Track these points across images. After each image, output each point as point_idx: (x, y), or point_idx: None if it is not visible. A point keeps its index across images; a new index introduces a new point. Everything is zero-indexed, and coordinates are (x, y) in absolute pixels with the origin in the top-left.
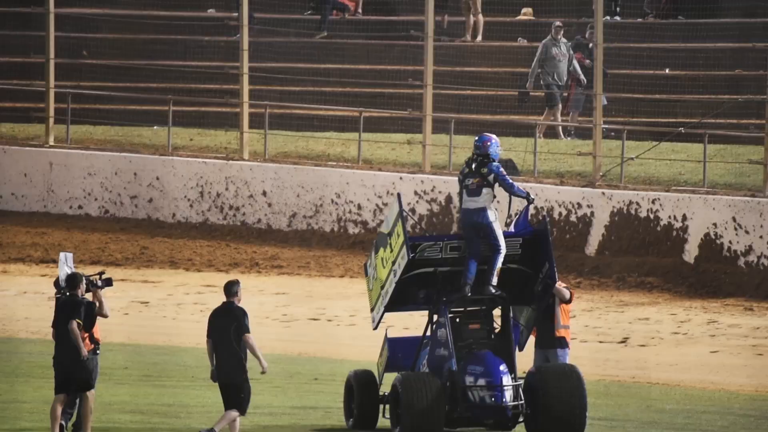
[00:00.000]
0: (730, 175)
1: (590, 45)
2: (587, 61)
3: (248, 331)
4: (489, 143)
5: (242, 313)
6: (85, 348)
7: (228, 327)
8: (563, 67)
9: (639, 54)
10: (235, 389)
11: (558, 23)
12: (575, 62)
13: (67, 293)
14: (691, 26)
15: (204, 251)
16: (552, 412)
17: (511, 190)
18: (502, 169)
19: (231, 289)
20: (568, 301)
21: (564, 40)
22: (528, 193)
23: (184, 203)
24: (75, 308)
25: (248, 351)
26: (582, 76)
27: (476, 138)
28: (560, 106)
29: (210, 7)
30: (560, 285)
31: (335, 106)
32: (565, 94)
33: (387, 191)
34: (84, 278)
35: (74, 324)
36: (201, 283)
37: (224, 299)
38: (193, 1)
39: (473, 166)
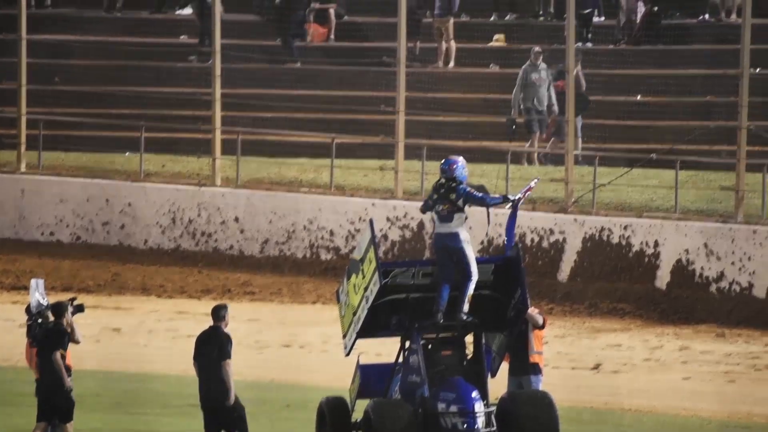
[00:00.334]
0: (702, 202)
1: (574, 72)
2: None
3: (228, 357)
4: (455, 166)
5: (226, 339)
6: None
7: (212, 351)
8: (543, 92)
9: (611, 80)
10: (225, 412)
11: (537, 49)
12: (551, 89)
13: (38, 321)
14: (663, 53)
15: (176, 278)
16: None
17: (485, 203)
18: (469, 189)
19: (218, 313)
20: (541, 327)
21: (543, 65)
22: (504, 196)
23: (156, 229)
24: (59, 338)
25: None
26: (556, 105)
27: (442, 161)
28: (538, 132)
29: (182, 33)
30: (533, 311)
31: (308, 132)
32: (549, 121)
33: (359, 217)
34: (58, 305)
35: (58, 355)
36: (173, 309)
37: (211, 323)
38: (166, 28)
39: (441, 191)
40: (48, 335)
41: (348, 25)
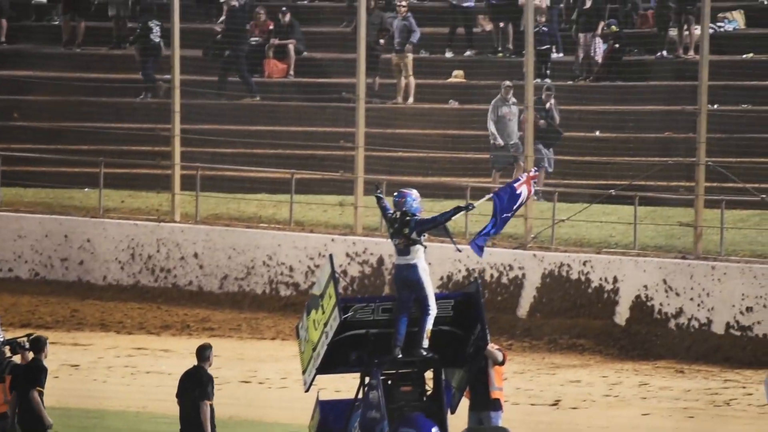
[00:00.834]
0: (661, 238)
1: (547, 106)
2: (542, 122)
3: (207, 398)
4: (405, 199)
5: (207, 379)
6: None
7: (192, 391)
8: (513, 126)
9: (570, 116)
10: None
11: (507, 83)
12: (519, 124)
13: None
14: (621, 89)
15: (135, 314)
16: None
17: (437, 223)
18: (419, 217)
19: (203, 353)
20: (501, 363)
21: (514, 99)
22: (456, 207)
23: (115, 265)
24: (37, 375)
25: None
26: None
27: (395, 194)
28: (497, 169)
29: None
30: (493, 347)
31: (267, 168)
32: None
33: (319, 253)
34: (37, 340)
35: (35, 393)
36: (131, 345)
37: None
38: (125, 64)
39: (395, 226)
40: (27, 372)
41: (307, 61)
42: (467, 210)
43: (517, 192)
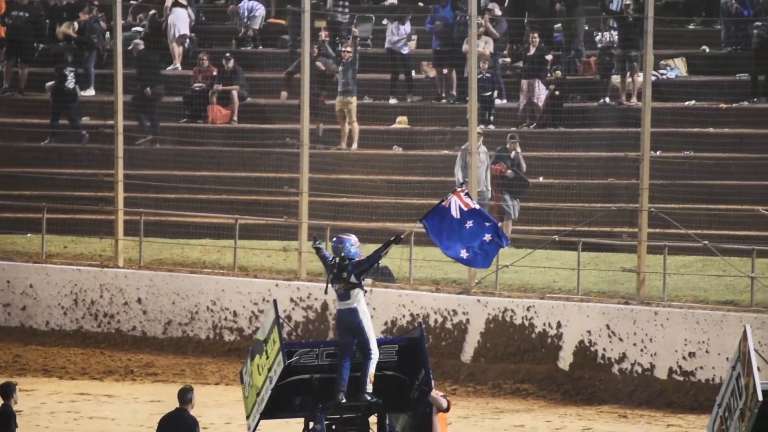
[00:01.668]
0: (604, 283)
1: (512, 154)
2: (509, 171)
3: None
4: (342, 245)
5: (193, 422)
6: None
7: None
8: (480, 173)
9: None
10: None
11: (478, 130)
12: (488, 172)
13: None
14: (564, 135)
15: (78, 359)
16: None
17: (374, 261)
18: (354, 261)
19: (185, 396)
20: (446, 410)
21: (483, 147)
22: (386, 242)
23: (58, 311)
24: (6, 421)
25: None
26: (488, 190)
27: (333, 240)
28: None
29: (85, 114)
30: (437, 393)
31: (211, 213)
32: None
33: (263, 298)
34: (6, 386)
35: None
36: (75, 391)
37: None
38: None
39: (335, 271)
40: None
41: (251, 106)
42: (397, 242)
43: (447, 207)
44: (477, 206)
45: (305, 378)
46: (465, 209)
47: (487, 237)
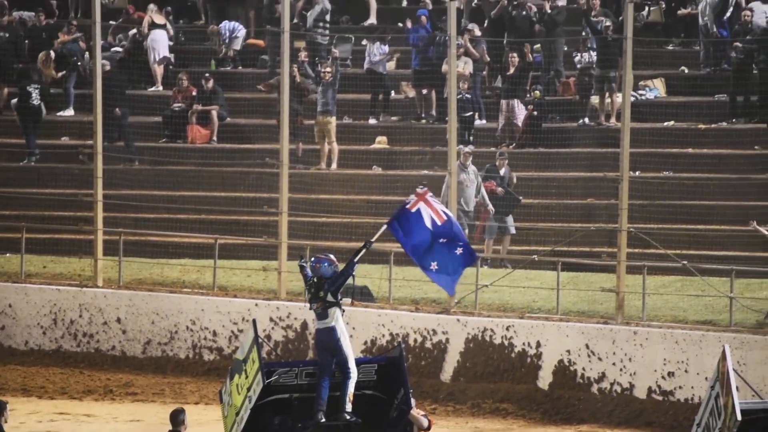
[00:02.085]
0: (583, 303)
1: (502, 172)
2: (499, 189)
3: None
4: (320, 264)
5: None
6: None
7: None
8: (470, 193)
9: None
10: None
11: (467, 150)
12: (483, 190)
13: None
14: (544, 155)
15: (57, 378)
16: None
17: (347, 273)
18: (330, 280)
19: (177, 418)
20: (427, 429)
21: (473, 167)
22: (356, 251)
23: (37, 330)
24: None
25: None
26: (490, 205)
27: (311, 260)
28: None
29: (64, 134)
30: (418, 413)
31: (190, 233)
32: (477, 222)
33: (242, 318)
34: None
35: None
36: (54, 410)
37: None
38: (47, 130)
39: (312, 291)
40: None
41: (230, 126)
42: (367, 248)
43: (413, 210)
44: (448, 213)
45: (284, 397)
46: (438, 222)
47: (458, 250)
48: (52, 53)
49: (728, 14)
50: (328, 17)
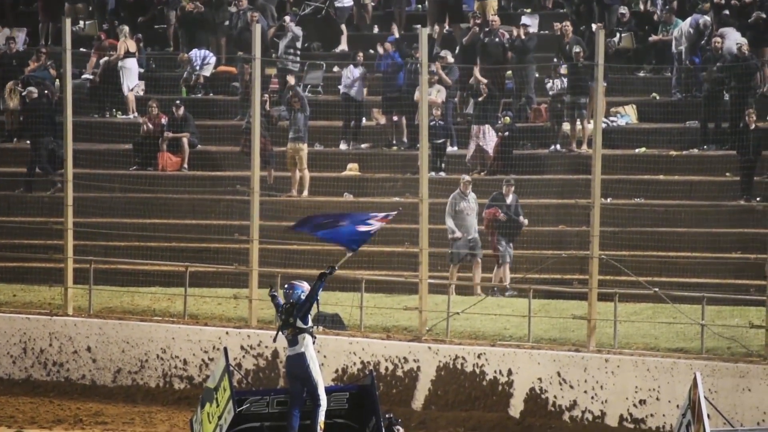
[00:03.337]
0: (555, 330)
1: (509, 200)
2: (501, 215)
3: None
4: (293, 290)
5: None
6: None
7: None
8: (471, 221)
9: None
10: None
11: (467, 178)
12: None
13: None
14: (515, 182)
15: (27, 408)
16: None
17: (314, 298)
18: (299, 304)
19: None
20: None
21: (473, 194)
22: (320, 275)
23: (6, 359)
24: None
25: None
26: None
27: (285, 286)
28: (458, 264)
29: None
30: None
31: (161, 261)
32: (483, 251)
33: (213, 346)
34: None
35: None
36: None
37: None
38: (17, 158)
39: (283, 317)
40: None
41: (201, 154)
42: (330, 274)
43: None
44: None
45: (256, 426)
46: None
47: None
48: (15, 86)
49: (702, 42)
50: (299, 44)
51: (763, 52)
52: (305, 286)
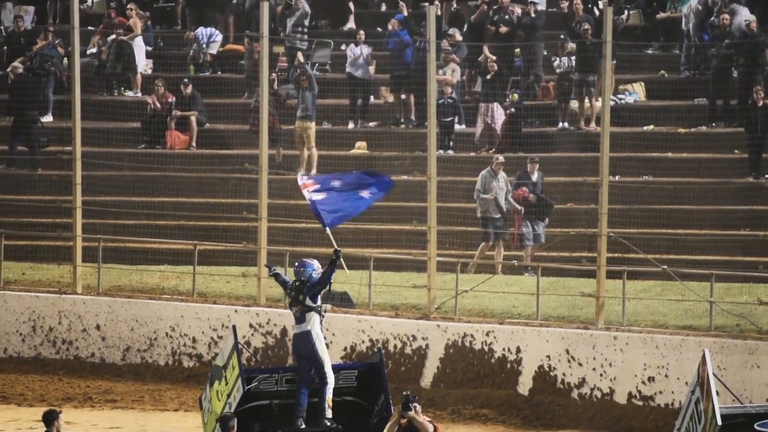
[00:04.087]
0: (563, 308)
1: (534, 178)
2: (531, 195)
3: None
4: (304, 268)
5: None
6: None
7: None
8: (501, 200)
9: (470, 188)
10: None
11: (500, 158)
12: (510, 196)
13: None
14: (523, 160)
15: (36, 386)
16: None
17: (326, 281)
18: (309, 284)
19: (50, 417)
20: None
21: (503, 174)
22: (331, 260)
23: (16, 338)
24: None
25: None
26: (520, 207)
27: (295, 264)
28: (491, 242)
29: (44, 140)
30: (425, 418)
31: (169, 239)
32: (512, 230)
33: (222, 324)
34: (49, 413)
35: None
36: (33, 418)
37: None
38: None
39: (293, 294)
40: None
41: (209, 132)
42: (338, 257)
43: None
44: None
45: (264, 404)
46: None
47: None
48: (19, 64)
49: (711, 19)
50: (306, 21)
51: None
52: (316, 264)
